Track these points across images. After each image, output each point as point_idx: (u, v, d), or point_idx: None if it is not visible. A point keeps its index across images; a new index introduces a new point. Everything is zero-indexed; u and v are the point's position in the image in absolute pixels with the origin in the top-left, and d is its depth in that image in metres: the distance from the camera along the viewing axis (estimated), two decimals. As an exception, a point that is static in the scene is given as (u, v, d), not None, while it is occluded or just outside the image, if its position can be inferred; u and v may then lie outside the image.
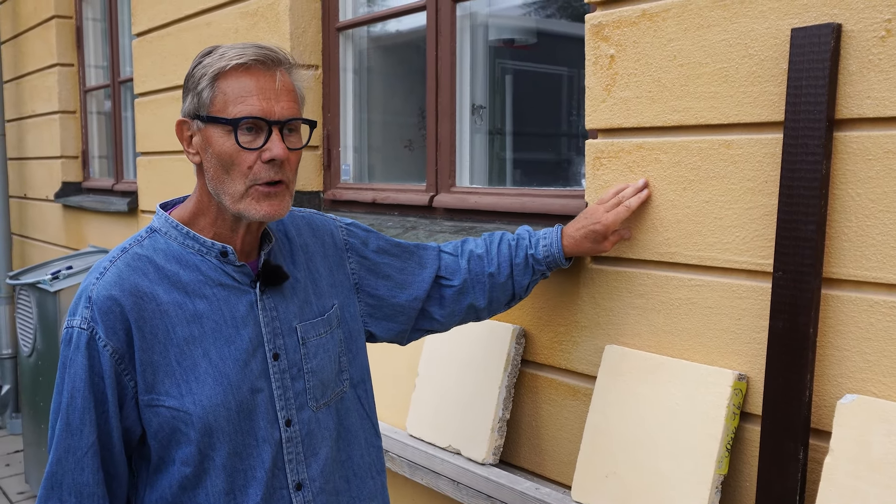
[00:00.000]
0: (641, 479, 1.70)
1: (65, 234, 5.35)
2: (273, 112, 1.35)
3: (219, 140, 1.35)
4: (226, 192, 1.37)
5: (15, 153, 6.03)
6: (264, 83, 1.35)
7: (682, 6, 1.67)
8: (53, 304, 3.90)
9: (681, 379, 1.69)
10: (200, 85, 1.35)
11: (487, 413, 2.06)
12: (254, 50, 1.35)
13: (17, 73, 5.87)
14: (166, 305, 1.35)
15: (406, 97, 2.99)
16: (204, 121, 1.36)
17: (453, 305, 1.75)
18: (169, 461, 1.38)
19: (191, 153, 1.40)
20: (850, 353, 1.47)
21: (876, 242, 1.42)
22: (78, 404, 1.31)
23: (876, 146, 1.41)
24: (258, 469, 1.41)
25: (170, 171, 3.86)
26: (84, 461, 1.32)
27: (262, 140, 1.35)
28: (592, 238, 1.75)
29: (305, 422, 1.46)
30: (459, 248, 1.79)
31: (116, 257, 1.38)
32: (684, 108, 1.68)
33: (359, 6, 2.99)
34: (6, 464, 4.81)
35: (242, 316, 1.41)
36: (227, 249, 1.40)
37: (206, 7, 3.41)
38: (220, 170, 1.36)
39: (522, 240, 1.79)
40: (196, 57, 1.39)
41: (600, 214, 1.75)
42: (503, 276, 1.76)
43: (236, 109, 1.33)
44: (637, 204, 1.74)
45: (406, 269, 1.71)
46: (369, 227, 1.73)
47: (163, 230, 1.42)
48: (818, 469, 1.47)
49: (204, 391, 1.35)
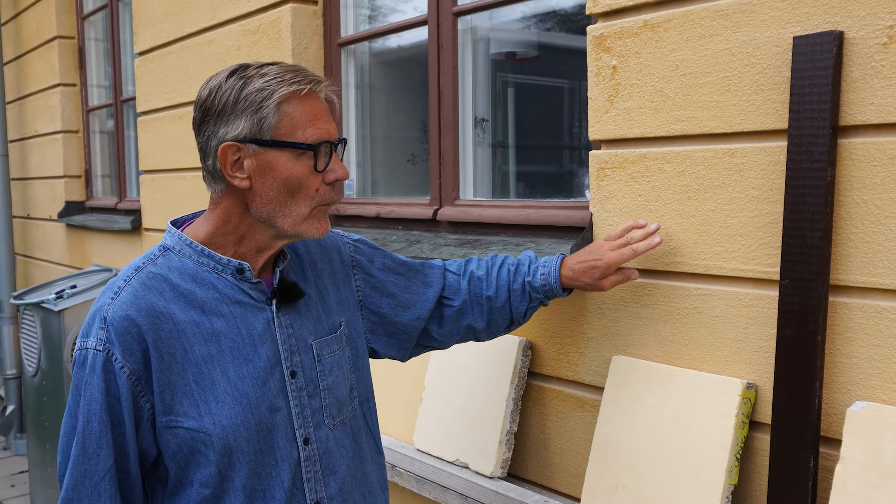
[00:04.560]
0: (651, 490, 1.69)
1: (68, 253, 5.36)
2: (332, 133, 1.37)
3: (287, 164, 1.34)
4: (287, 215, 1.36)
5: (18, 173, 6.05)
6: (321, 105, 1.37)
7: (683, 16, 1.68)
8: (58, 323, 3.90)
9: (689, 389, 1.68)
10: (264, 109, 1.31)
11: (495, 426, 2.05)
12: (303, 72, 1.35)
13: (20, 94, 5.90)
14: (183, 324, 1.34)
15: (408, 111, 3.00)
16: (266, 145, 1.33)
17: (451, 325, 1.74)
18: (187, 483, 1.37)
19: (238, 177, 1.35)
20: (858, 360, 1.47)
21: (883, 248, 1.42)
22: (94, 428, 1.30)
23: (880, 152, 1.41)
24: (277, 489, 1.40)
25: (173, 188, 3.87)
26: (101, 486, 1.30)
27: (325, 162, 1.36)
28: (591, 275, 1.70)
29: (323, 440, 1.45)
30: (463, 267, 1.78)
31: (131, 276, 1.36)
32: (687, 118, 1.69)
33: (360, 22, 3.01)
34: (11, 484, 4.79)
35: (260, 334, 1.40)
36: (243, 266, 1.39)
37: (208, 25, 3.43)
38: (284, 193, 1.35)
39: (522, 266, 1.76)
40: (225, 79, 1.34)
41: (604, 252, 1.70)
42: (500, 300, 1.73)
43: (308, 133, 1.34)
44: (645, 249, 1.68)
45: (410, 287, 1.71)
46: (376, 245, 1.72)
47: (176, 248, 1.40)
48: (829, 477, 1.46)
49: (223, 411, 1.34)
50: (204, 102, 1.36)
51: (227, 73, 1.35)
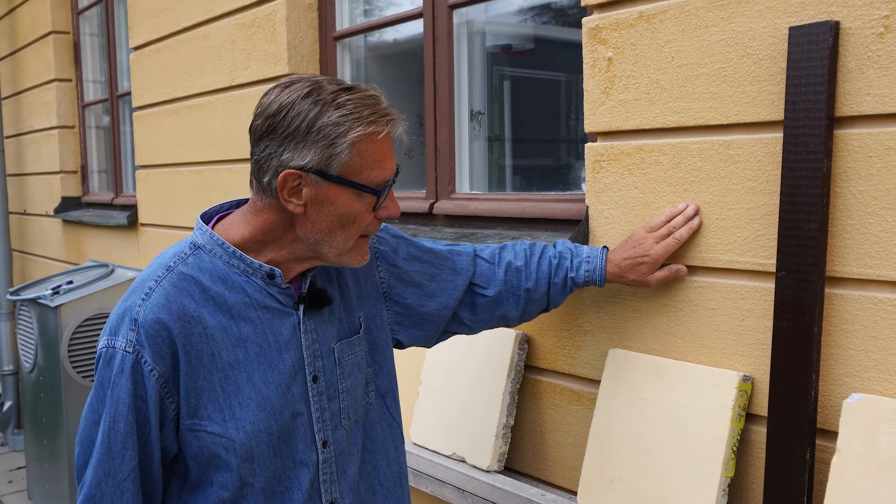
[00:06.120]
0: (647, 483, 1.69)
1: (65, 249, 5.35)
2: (394, 170, 1.37)
3: (346, 201, 1.33)
4: (332, 245, 1.36)
5: (14, 169, 6.04)
6: (390, 142, 1.36)
7: (679, 7, 1.67)
8: (54, 319, 3.89)
9: (685, 381, 1.68)
10: (337, 147, 1.28)
11: (491, 420, 2.05)
12: (380, 108, 1.32)
13: (16, 90, 5.89)
14: (212, 329, 1.33)
15: (404, 105, 2.99)
16: (331, 180, 1.31)
17: (485, 314, 1.71)
18: (207, 483, 1.37)
19: (293, 203, 1.32)
20: (855, 351, 1.46)
21: (879, 240, 1.42)
22: (121, 428, 1.30)
23: (876, 143, 1.40)
24: (295, 491, 1.40)
25: (169, 184, 3.86)
26: (124, 485, 1.31)
27: (383, 201, 1.37)
28: (639, 271, 1.68)
29: (339, 441, 1.45)
30: (497, 255, 1.73)
31: (162, 277, 1.34)
32: (683, 110, 1.68)
33: (356, 15, 3.00)
34: (8, 480, 4.79)
35: (286, 340, 1.39)
36: (274, 272, 1.37)
37: (203, 19, 3.42)
38: (336, 226, 1.34)
39: (564, 260, 1.72)
40: (299, 99, 1.29)
41: (649, 245, 1.67)
42: (540, 292, 1.71)
43: (374, 175, 1.33)
44: (688, 235, 1.66)
45: (438, 276, 1.67)
46: (400, 232, 1.69)
47: (207, 247, 1.38)
48: (825, 470, 1.46)
49: (247, 416, 1.34)
50: (272, 117, 1.30)
51: (302, 93, 1.29)
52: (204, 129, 3.51)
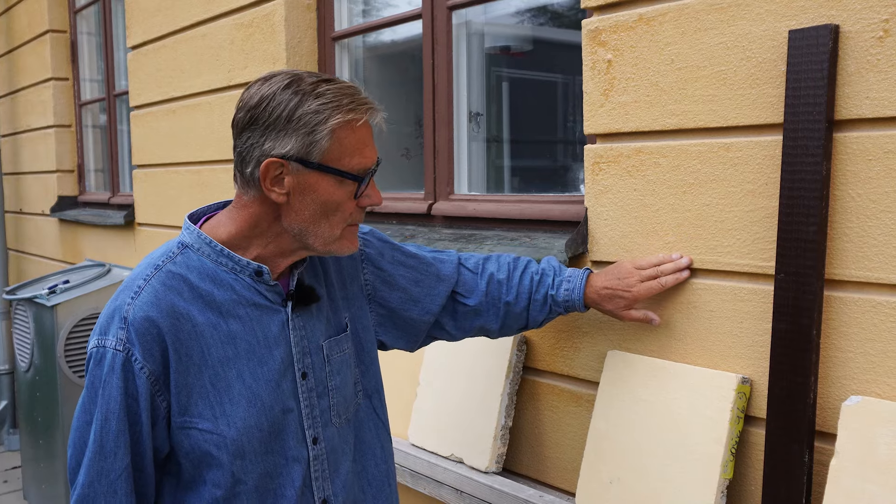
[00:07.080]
0: (646, 485, 1.69)
1: (61, 248, 5.34)
2: (375, 160, 1.38)
3: (328, 188, 1.34)
4: (318, 235, 1.37)
5: (10, 168, 6.02)
6: (370, 131, 1.37)
7: (679, 10, 1.67)
8: (50, 318, 3.88)
9: (684, 383, 1.68)
10: (317, 133, 1.30)
11: (490, 421, 2.05)
12: (359, 97, 1.34)
13: (12, 88, 5.87)
14: (201, 326, 1.34)
15: (403, 106, 2.99)
16: (312, 167, 1.33)
17: (465, 322, 1.73)
18: (200, 481, 1.38)
19: (276, 192, 1.34)
20: (853, 354, 1.47)
21: (877, 243, 1.42)
22: (112, 427, 1.30)
23: (876, 146, 1.41)
24: (287, 488, 1.41)
25: (166, 183, 3.86)
26: (117, 484, 1.31)
27: (364, 189, 1.38)
28: (615, 304, 1.69)
29: (330, 438, 1.46)
30: (481, 266, 1.74)
31: (150, 275, 1.35)
32: (683, 112, 1.68)
33: (354, 16, 3.00)
34: (4, 480, 4.78)
35: (275, 336, 1.40)
36: (262, 269, 1.38)
37: (201, 19, 3.41)
38: (319, 215, 1.36)
39: (546, 277, 1.73)
40: (280, 90, 1.31)
41: (633, 282, 1.68)
42: (520, 307, 1.72)
43: (354, 162, 1.35)
44: (673, 284, 1.68)
45: (422, 281, 1.68)
46: (387, 237, 1.70)
47: (195, 246, 1.39)
48: (824, 472, 1.46)
49: (238, 413, 1.35)
50: (253, 108, 1.33)
51: (282, 84, 1.32)
52: (201, 129, 3.50)
